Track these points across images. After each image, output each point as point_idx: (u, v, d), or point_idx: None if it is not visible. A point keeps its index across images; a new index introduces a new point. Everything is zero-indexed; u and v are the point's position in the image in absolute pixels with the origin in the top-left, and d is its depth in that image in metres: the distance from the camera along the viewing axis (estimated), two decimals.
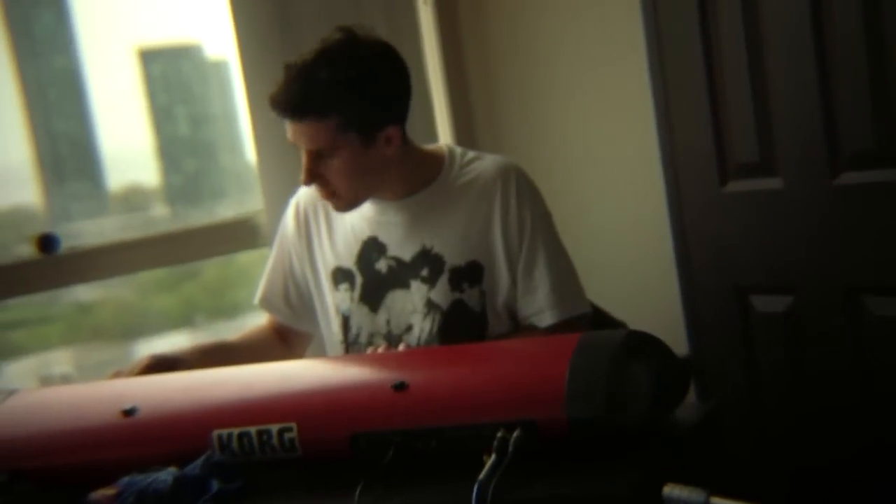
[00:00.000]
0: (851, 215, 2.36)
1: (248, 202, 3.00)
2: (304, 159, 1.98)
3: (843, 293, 2.41)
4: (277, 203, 2.51)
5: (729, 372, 2.63)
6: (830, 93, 2.32)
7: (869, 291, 2.37)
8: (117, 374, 1.95)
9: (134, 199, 3.06)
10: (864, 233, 2.35)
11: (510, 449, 1.45)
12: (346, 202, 2.04)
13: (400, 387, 1.60)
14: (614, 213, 2.93)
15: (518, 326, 2.06)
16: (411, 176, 2.06)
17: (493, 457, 1.44)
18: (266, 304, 2.24)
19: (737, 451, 2.52)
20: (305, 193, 2.19)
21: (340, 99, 1.92)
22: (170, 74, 3.11)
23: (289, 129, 1.98)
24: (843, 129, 2.33)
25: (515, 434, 1.46)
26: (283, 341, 2.24)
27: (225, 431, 1.63)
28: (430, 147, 2.15)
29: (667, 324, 2.55)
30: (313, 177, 1.98)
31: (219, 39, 2.90)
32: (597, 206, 2.95)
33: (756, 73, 2.45)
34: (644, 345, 1.60)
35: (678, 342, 2.58)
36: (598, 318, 2.16)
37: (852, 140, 2.32)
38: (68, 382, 2.98)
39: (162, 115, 3.02)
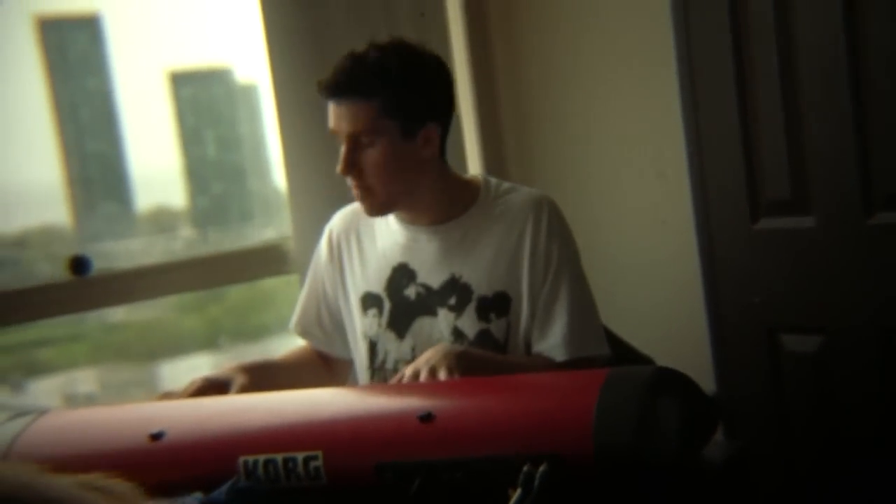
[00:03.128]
0: (885, 255, 2.35)
1: (274, 226, 3.01)
2: (342, 148, 1.99)
3: (876, 334, 2.39)
4: (306, 229, 2.52)
5: (757, 411, 2.60)
6: (865, 131, 2.32)
7: None
8: (167, 396, 1.96)
9: (161, 220, 3.08)
10: None
11: (536, 483, 1.44)
12: (379, 201, 2.03)
13: (426, 418, 1.59)
14: (643, 247, 2.91)
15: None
16: (446, 202, 2.07)
17: (519, 491, 1.44)
18: (301, 329, 2.25)
19: (764, 492, 2.50)
20: (339, 221, 2.20)
21: (386, 82, 1.95)
22: (200, 97, 3.13)
23: (331, 114, 2.00)
24: (877, 167, 2.32)
25: (542, 469, 1.46)
26: (325, 365, 2.25)
27: (251, 458, 1.63)
28: (467, 176, 2.17)
29: (694, 361, 2.53)
30: (351, 166, 1.99)
31: (249, 63, 2.92)
32: (626, 239, 2.94)
33: (790, 109, 2.44)
34: (673, 381, 1.60)
35: (705, 380, 2.56)
36: (625, 354, 2.15)
37: (887, 179, 2.31)
38: (93, 402, 3.00)
39: (191, 138, 3.04)
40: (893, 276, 2.34)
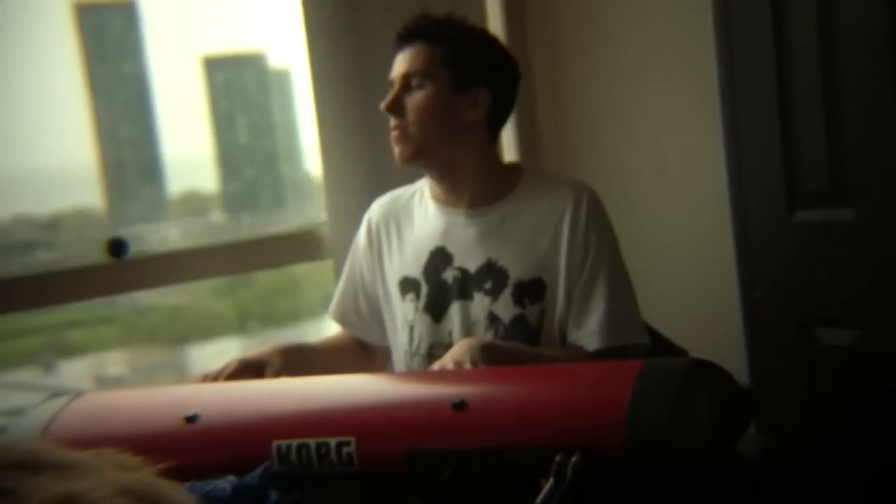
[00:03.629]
0: None
1: (304, 212, 3.02)
2: (394, 88, 2.06)
3: None
4: (341, 215, 2.53)
5: (790, 405, 2.58)
6: None
7: None
8: (205, 378, 1.97)
9: (192, 204, 3.09)
10: None
11: (568, 474, 1.44)
12: (412, 146, 2.05)
13: (460, 406, 1.60)
14: (678, 238, 2.90)
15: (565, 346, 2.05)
16: (487, 183, 2.09)
17: (551, 481, 1.44)
18: (339, 316, 2.26)
19: (796, 486, 2.48)
20: (378, 208, 2.21)
21: (453, 37, 2.05)
22: (232, 83, 3.14)
23: (396, 62, 2.07)
24: None
25: (574, 459, 1.46)
26: (363, 351, 2.26)
27: (284, 442, 1.64)
28: (509, 162, 2.21)
29: (728, 353, 2.51)
30: (396, 104, 2.05)
31: (282, 50, 2.93)
32: (661, 231, 2.93)
33: (829, 100, 2.42)
34: (707, 372, 1.59)
35: (739, 372, 2.55)
36: (659, 344, 2.15)
37: None
38: (122, 384, 3.03)
39: (223, 123, 3.06)
40: None
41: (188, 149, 2.91)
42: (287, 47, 2.79)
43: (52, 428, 1.76)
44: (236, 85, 3.17)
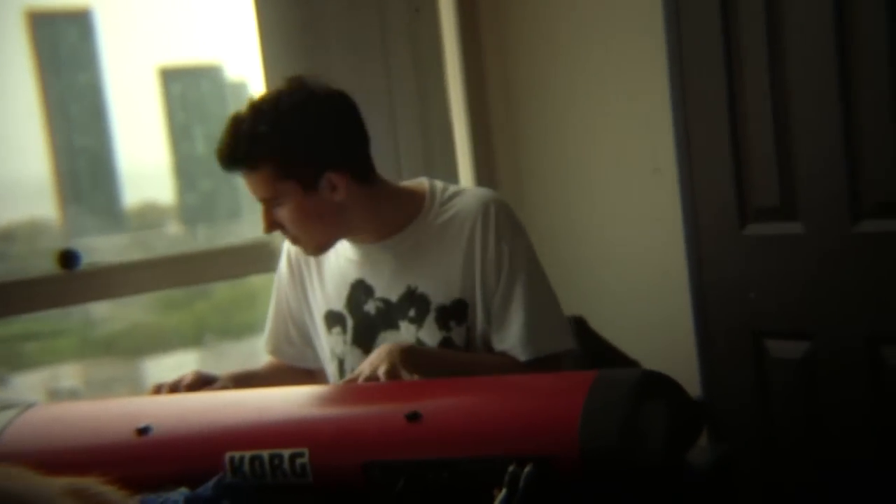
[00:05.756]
0: (871, 263, 2.36)
1: (261, 223, 3.01)
2: (262, 209, 1.99)
3: (862, 341, 2.40)
4: None
5: (742, 416, 2.61)
6: (854, 139, 2.33)
7: (888, 341, 2.36)
8: (158, 389, 1.96)
9: (149, 216, 3.07)
10: (885, 281, 2.34)
11: (521, 484, 1.45)
12: (311, 247, 2.05)
13: (413, 417, 1.60)
14: (632, 251, 2.92)
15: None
16: (390, 216, 2.05)
17: (504, 492, 1.44)
18: (272, 348, 2.26)
19: (748, 497, 2.51)
20: None
21: (265, 149, 1.92)
22: (189, 94, 3.13)
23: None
24: (865, 176, 2.33)
25: (527, 469, 1.47)
26: (306, 375, 2.25)
27: (237, 454, 1.64)
28: (409, 184, 2.13)
29: (680, 364, 2.53)
30: (272, 226, 2.00)
31: (239, 61, 2.93)
32: (614, 243, 2.95)
33: (779, 117, 2.46)
34: (659, 384, 1.60)
35: (691, 384, 2.58)
36: (612, 357, 2.16)
37: (874, 187, 2.33)
38: (76, 397, 2.99)
39: (180, 134, 3.04)
40: (879, 284, 2.36)
41: (145, 160, 2.89)
42: (243, 59, 2.78)
43: (3, 439, 1.75)
44: (193, 96, 3.15)
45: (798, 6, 2.40)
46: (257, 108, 1.95)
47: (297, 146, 1.94)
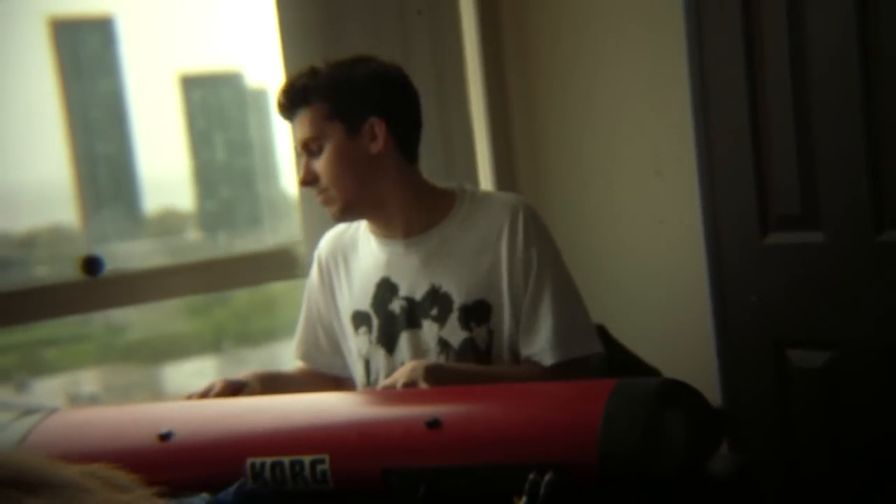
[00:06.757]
0: (893, 272, 2.35)
1: (281, 230, 3.02)
2: (301, 160, 2.07)
3: (884, 351, 2.39)
4: (317, 234, 2.52)
5: (762, 425, 2.60)
6: (877, 148, 2.33)
7: None
8: (191, 398, 1.97)
9: (169, 222, 3.08)
10: None
11: (541, 492, 1.45)
12: (339, 205, 2.06)
13: (434, 424, 1.61)
14: (652, 260, 2.91)
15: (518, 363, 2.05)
16: (419, 212, 2.09)
17: (525, 500, 1.45)
18: (302, 353, 2.27)
19: None
20: (325, 244, 2.23)
21: (320, 87, 2.04)
22: (209, 101, 3.14)
23: (291, 134, 2.10)
24: (887, 184, 2.33)
25: (547, 477, 1.47)
26: (334, 383, 2.25)
27: (258, 460, 1.65)
28: (442, 185, 2.16)
29: (701, 373, 2.53)
30: (309, 176, 2.06)
31: (259, 68, 2.94)
32: (634, 252, 2.94)
33: (801, 125, 2.45)
34: (680, 393, 1.60)
35: (711, 392, 2.57)
36: (632, 364, 2.16)
37: None
38: (96, 402, 3.01)
39: (200, 141, 3.05)
40: None
41: (165, 167, 2.91)
42: (264, 66, 2.79)
43: (25, 445, 1.75)
44: (213, 103, 3.17)
45: (819, 14, 2.39)
46: (316, 65, 2.09)
47: (350, 89, 2.05)
